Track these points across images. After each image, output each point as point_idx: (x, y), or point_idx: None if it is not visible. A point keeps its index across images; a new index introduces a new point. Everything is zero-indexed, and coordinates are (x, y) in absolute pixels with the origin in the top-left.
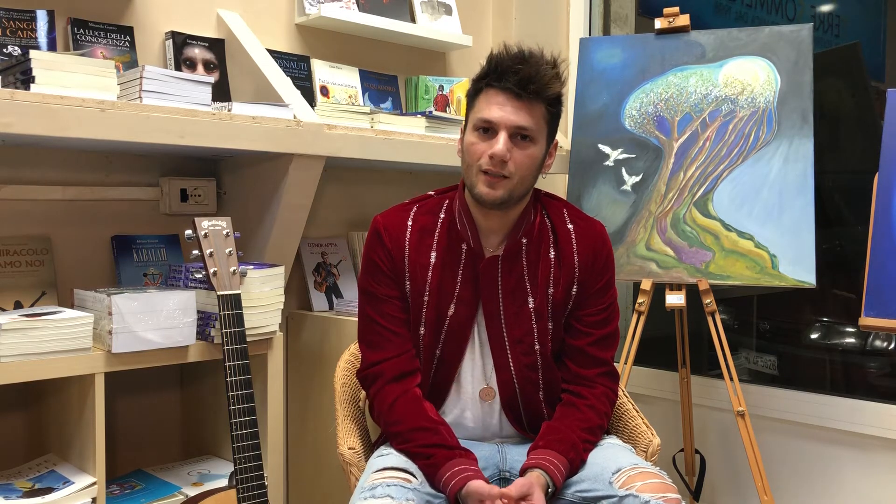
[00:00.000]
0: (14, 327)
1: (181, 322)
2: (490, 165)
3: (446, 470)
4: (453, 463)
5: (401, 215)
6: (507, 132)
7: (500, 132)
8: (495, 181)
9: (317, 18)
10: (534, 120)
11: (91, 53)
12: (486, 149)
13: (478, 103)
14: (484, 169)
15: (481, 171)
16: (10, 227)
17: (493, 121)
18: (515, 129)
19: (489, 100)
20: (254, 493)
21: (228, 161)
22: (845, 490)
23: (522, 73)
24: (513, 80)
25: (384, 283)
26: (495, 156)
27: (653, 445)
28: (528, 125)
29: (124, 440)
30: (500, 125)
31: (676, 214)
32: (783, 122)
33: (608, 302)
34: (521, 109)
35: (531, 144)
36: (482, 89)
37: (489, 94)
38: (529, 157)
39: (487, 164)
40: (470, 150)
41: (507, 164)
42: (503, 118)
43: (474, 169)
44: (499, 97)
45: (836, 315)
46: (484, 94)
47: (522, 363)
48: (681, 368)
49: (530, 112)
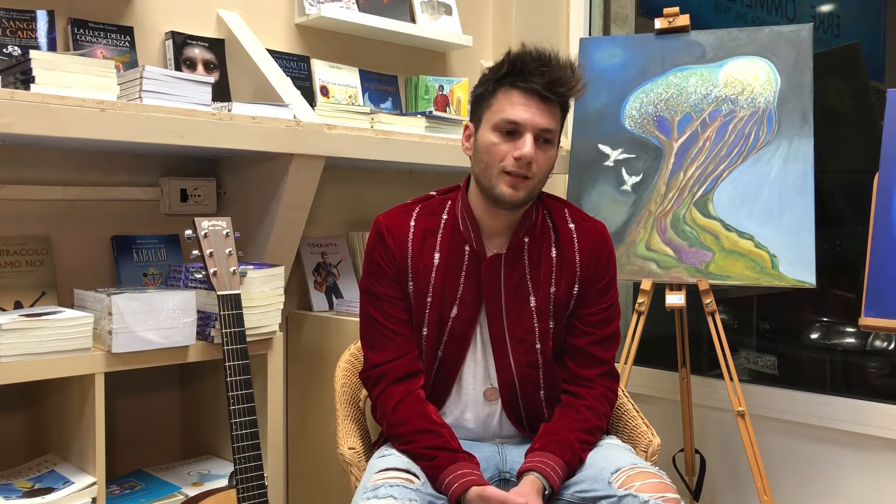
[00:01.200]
0: (14, 327)
1: (181, 322)
2: (516, 167)
3: (449, 472)
4: (457, 466)
5: (403, 216)
6: (532, 133)
7: (527, 134)
8: (518, 182)
9: (317, 18)
10: (555, 121)
11: (91, 53)
12: (511, 150)
13: (497, 102)
14: (508, 170)
15: (504, 172)
16: (10, 227)
17: (520, 122)
18: (541, 131)
19: (512, 100)
20: (254, 493)
21: (228, 161)
22: (845, 490)
23: (549, 76)
24: (540, 83)
25: (386, 284)
26: (524, 157)
27: (653, 445)
28: (553, 127)
29: (124, 440)
30: (527, 127)
31: (676, 214)
32: (783, 122)
33: (610, 302)
34: (546, 112)
35: (551, 146)
36: (501, 88)
37: (511, 95)
38: (550, 159)
39: (513, 165)
40: (492, 150)
41: (532, 166)
42: (530, 120)
43: (495, 169)
44: (523, 98)
45: (836, 315)
46: (504, 93)
47: (524, 362)
48: (681, 368)
49: (553, 114)
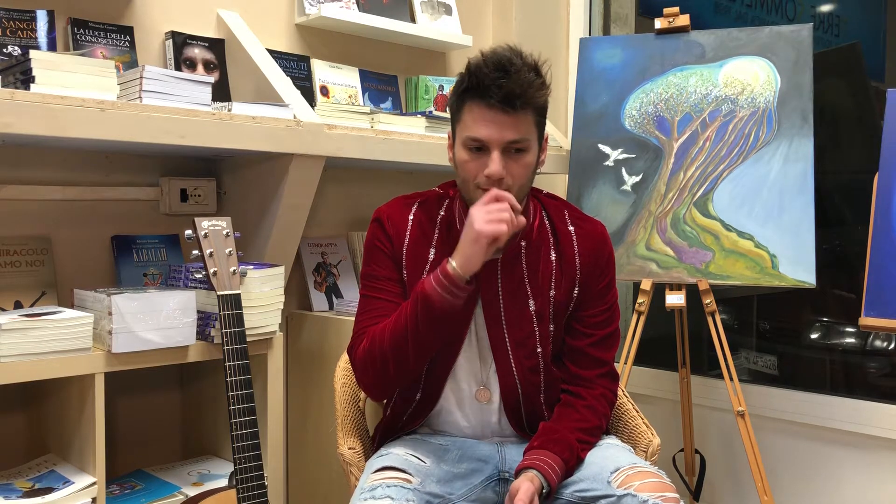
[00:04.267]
0: (14, 327)
1: (181, 322)
2: (487, 184)
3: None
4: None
5: (403, 208)
6: (499, 149)
7: (493, 150)
8: None
9: (317, 18)
10: (524, 130)
11: (91, 53)
12: (481, 167)
13: (463, 118)
14: (482, 186)
15: (478, 188)
16: (10, 227)
17: (484, 139)
18: (508, 144)
19: (475, 116)
20: (254, 493)
21: (228, 161)
22: (845, 490)
23: (507, 88)
24: (498, 96)
25: (385, 265)
26: (492, 176)
27: (653, 445)
28: (522, 137)
29: (124, 440)
30: (492, 143)
31: (676, 214)
32: (783, 122)
33: (610, 302)
34: (510, 124)
35: (525, 154)
36: (465, 102)
37: (474, 110)
38: (525, 167)
39: (485, 182)
40: (464, 167)
41: (503, 180)
42: (495, 136)
43: (470, 185)
44: (485, 114)
45: (836, 315)
46: (468, 108)
47: (525, 366)
48: (681, 368)
49: (520, 124)
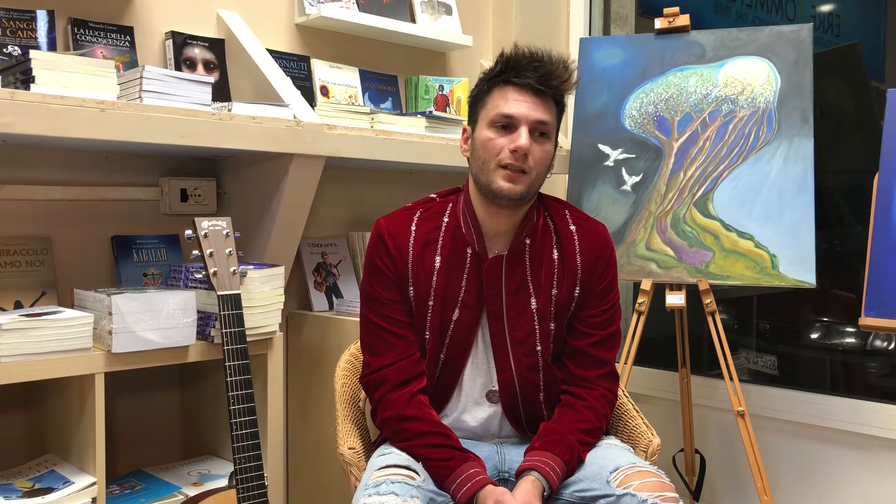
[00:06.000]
0: (14, 327)
1: (181, 322)
2: (512, 160)
3: (460, 473)
4: (467, 466)
5: (404, 221)
6: (527, 126)
7: (521, 127)
8: (515, 176)
9: (317, 18)
10: (550, 115)
11: (91, 53)
12: (507, 143)
13: (492, 100)
14: (504, 164)
15: (500, 167)
16: (10, 227)
17: (515, 115)
18: (536, 124)
19: (506, 96)
20: (254, 493)
21: (228, 161)
22: (845, 490)
23: (542, 70)
24: (533, 77)
25: (387, 287)
26: (520, 149)
27: (653, 445)
28: (548, 120)
29: (124, 440)
30: (522, 120)
31: (676, 214)
32: (783, 122)
33: (611, 303)
34: (540, 105)
35: (547, 141)
36: (496, 86)
37: (506, 91)
38: (546, 153)
39: (509, 158)
40: (488, 145)
41: (528, 159)
42: (524, 113)
43: (492, 164)
44: (516, 93)
45: (836, 315)
46: (499, 90)
47: (524, 364)
48: (681, 368)
49: (548, 108)
